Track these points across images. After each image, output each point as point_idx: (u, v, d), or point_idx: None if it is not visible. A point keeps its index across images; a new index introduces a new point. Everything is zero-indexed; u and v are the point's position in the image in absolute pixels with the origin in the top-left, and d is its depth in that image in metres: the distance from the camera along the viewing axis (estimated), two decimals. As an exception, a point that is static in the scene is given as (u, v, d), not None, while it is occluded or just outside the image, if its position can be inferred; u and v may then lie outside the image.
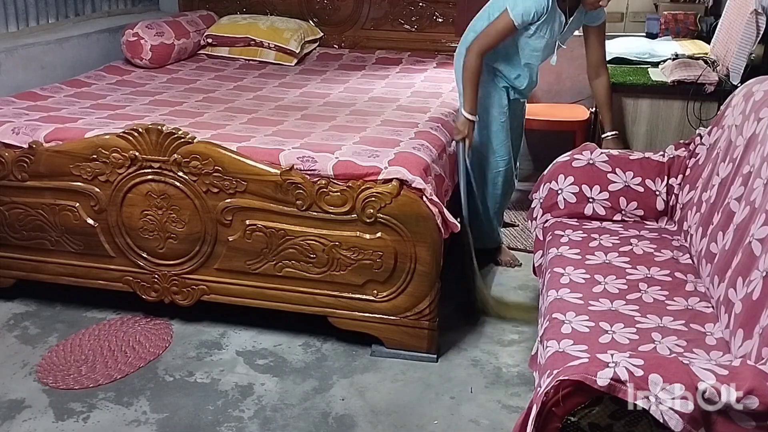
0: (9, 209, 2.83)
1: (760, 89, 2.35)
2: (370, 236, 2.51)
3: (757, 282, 1.78)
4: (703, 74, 3.09)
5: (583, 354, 1.80)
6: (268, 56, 4.31)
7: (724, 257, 2.06)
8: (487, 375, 2.56)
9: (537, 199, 2.79)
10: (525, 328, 2.83)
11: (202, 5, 4.81)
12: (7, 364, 2.60)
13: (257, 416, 2.34)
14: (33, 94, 3.39)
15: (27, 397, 2.42)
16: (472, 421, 2.32)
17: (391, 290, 2.56)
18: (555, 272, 2.31)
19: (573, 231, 2.58)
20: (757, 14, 2.92)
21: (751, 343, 1.72)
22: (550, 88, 4.51)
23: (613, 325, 1.97)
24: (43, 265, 2.89)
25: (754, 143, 2.18)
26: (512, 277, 3.25)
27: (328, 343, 2.72)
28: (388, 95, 3.59)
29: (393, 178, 2.45)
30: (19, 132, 2.80)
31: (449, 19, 4.47)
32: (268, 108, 3.31)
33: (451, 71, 4.04)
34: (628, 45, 3.74)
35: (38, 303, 2.99)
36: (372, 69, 4.20)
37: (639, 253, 2.40)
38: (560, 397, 1.46)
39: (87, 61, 4.08)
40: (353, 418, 2.34)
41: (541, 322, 2.15)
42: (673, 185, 2.67)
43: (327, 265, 2.57)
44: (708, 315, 2.05)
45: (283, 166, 2.52)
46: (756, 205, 1.98)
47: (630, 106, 3.24)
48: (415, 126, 2.99)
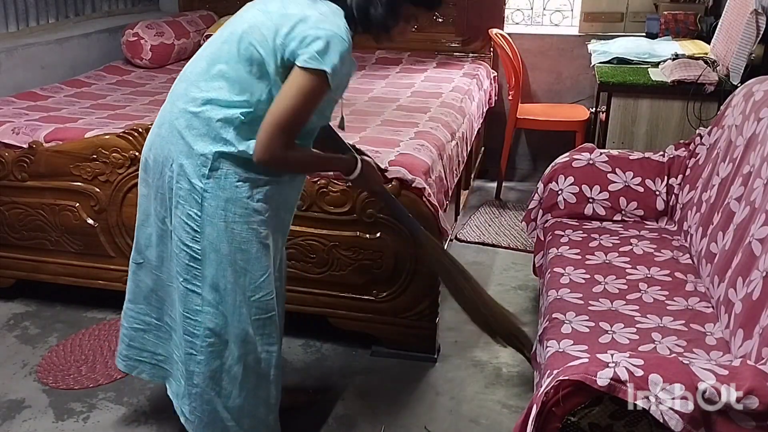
0: (9, 209, 2.83)
1: (760, 89, 2.35)
2: (370, 236, 2.51)
3: (757, 282, 1.78)
4: (703, 74, 3.09)
5: (583, 354, 1.81)
6: (268, 56, 4.30)
7: (724, 257, 2.06)
8: (487, 375, 2.56)
9: (534, 200, 2.79)
10: (525, 328, 2.80)
11: (202, 5, 4.81)
12: (7, 364, 2.60)
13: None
14: (33, 94, 3.39)
15: (27, 397, 2.42)
16: (472, 421, 2.32)
17: (391, 290, 2.56)
18: (555, 272, 2.31)
19: (573, 231, 2.58)
20: (757, 14, 2.92)
21: (751, 343, 1.72)
22: (550, 88, 4.52)
23: (613, 325, 1.98)
24: (43, 265, 2.89)
25: (754, 143, 2.18)
26: (512, 277, 3.25)
27: (328, 343, 2.72)
28: (388, 95, 3.59)
29: (393, 178, 2.44)
30: (19, 132, 2.80)
31: (449, 19, 4.47)
32: (268, 108, 3.30)
33: (451, 71, 4.06)
34: (628, 45, 3.74)
35: (38, 303, 2.99)
36: (372, 69, 4.19)
37: (639, 253, 2.40)
38: (560, 397, 1.46)
39: (87, 61, 4.08)
40: (353, 418, 2.34)
41: (541, 322, 2.15)
42: (673, 185, 2.67)
43: (327, 265, 2.57)
44: (708, 315, 2.05)
45: (283, 166, 2.50)
46: (756, 205, 1.98)
47: (630, 106, 3.24)
48: (415, 126, 2.99)
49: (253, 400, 2.00)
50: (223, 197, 1.82)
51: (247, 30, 1.78)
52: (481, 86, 3.99)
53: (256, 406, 2.01)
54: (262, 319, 1.93)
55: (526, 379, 2.50)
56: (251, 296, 1.90)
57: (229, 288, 1.88)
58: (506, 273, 3.30)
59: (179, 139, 1.83)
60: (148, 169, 1.93)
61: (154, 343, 2.09)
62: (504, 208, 4.05)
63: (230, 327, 1.91)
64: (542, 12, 4.80)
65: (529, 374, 2.49)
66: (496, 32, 4.16)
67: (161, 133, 1.88)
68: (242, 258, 1.86)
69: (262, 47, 1.76)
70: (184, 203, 1.84)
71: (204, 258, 1.86)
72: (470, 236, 3.65)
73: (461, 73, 4.03)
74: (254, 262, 1.88)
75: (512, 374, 2.55)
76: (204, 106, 1.80)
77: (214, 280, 1.87)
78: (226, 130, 1.79)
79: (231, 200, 1.82)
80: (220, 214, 1.82)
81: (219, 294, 1.88)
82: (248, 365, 1.95)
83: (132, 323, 2.09)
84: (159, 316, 2.05)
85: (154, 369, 2.12)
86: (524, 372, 2.54)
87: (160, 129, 1.90)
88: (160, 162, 1.88)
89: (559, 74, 4.48)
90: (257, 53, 1.76)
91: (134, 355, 2.12)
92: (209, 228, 1.84)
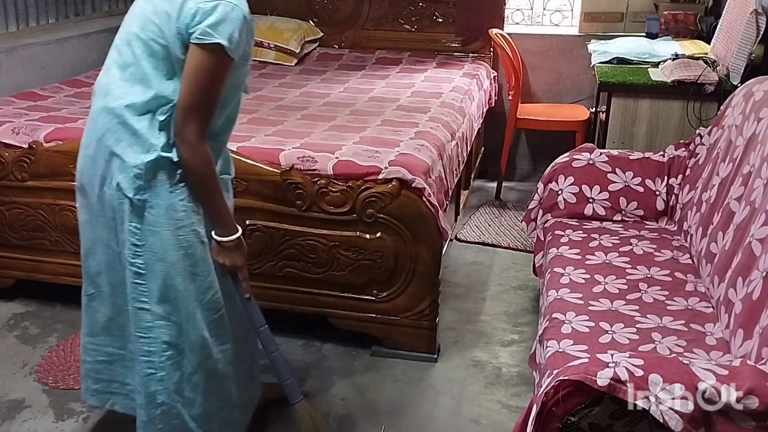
0: (9, 209, 2.83)
1: (760, 89, 2.35)
2: (370, 236, 2.51)
3: (757, 282, 1.78)
4: (703, 74, 3.09)
5: (583, 354, 1.81)
6: (268, 56, 4.31)
7: (724, 257, 2.06)
8: (487, 375, 2.55)
9: (534, 200, 2.79)
10: (525, 328, 2.83)
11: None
12: (7, 364, 2.60)
13: (257, 416, 2.33)
14: (33, 94, 3.39)
15: (27, 397, 2.42)
16: (472, 421, 2.32)
17: (391, 290, 2.56)
18: (555, 272, 2.31)
19: (573, 231, 2.58)
20: (757, 14, 2.92)
21: (751, 343, 1.72)
22: (550, 88, 4.52)
23: (613, 325, 1.98)
24: (43, 265, 2.89)
25: (754, 143, 2.18)
26: (512, 277, 3.25)
27: (328, 344, 2.72)
28: (388, 95, 3.59)
29: (393, 178, 2.44)
30: (19, 132, 2.80)
31: (449, 19, 4.47)
32: (268, 108, 3.30)
33: (451, 71, 4.06)
34: (628, 45, 3.74)
35: (38, 303, 2.99)
36: (372, 69, 4.19)
37: (639, 253, 2.40)
38: (560, 397, 1.46)
39: (87, 61, 4.07)
40: (353, 418, 2.34)
41: (541, 322, 2.15)
42: (673, 185, 2.67)
43: (327, 266, 2.57)
44: (708, 315, 2.05)
45: (283, 166, 2.52)
46: (756, 205, 1.98)
47: (630, 106, 3.24)
48: (415, 126, 2.99)
49: (218, 402, 1.98)
50: (163, 206, 1.80)
51: (142, 26, 1.76)
52: (481, 86, 3.99)
53: (220, 408, 1.99)
54: (214, 319, 1.92)
55: (526, 379, 2.50)
56: (202, 299, 1.88)
57: (180, 297, 1.85)
58: (506, 273, 3.30)
59: (110, 156, 1.80)
60: (85, 193, 1.90)
61: (122, 373, 2.03)
62: (504, 208, 4.05)
63: (186, 336, 1.88)
64: (542, 12, 4.80)
65: (529, 374, 2.49)
66: (496, 32, 4.16)
67: (90, 154, 1.85)
68: (190, 263, 1.85)
69: (161, 38, 1.73)
70: (126, 220, 1.81)
71: (148, 272, 1.83)
72: (470, 236, 3.65)
73: (461, 73, 4.03)
74: (200, 263, 1.87)
75: (512, 374, 2.56)
76: (125, 114, 1.77)
77: (162, 291, 1.84)
78: (152, 133, 1.77)
79: (171, 207, 1.80)
80: (162, 223, 1.80)
81: (170, 304, 1.85)
82: (208, 370, 1.93)
83: (95, 356, 2.04)
84: (122, 345, 2.00)
85: (125, 400, 2.05)
86: (524, 372, 2.54)
87: (87, 150, 1.86)
88: (97, 184, 1.84)
89: (559, 74, 4.48)
90: (158, 46, 1.74)
91: (104, 388, 2.06)
92: (152, 238, 1.80)
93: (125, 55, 1.80)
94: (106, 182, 1.82)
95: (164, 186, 1.79)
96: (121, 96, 1.78)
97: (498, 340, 2.77)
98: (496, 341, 2.76)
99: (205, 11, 1.67)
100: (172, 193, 1.80)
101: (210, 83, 1.71)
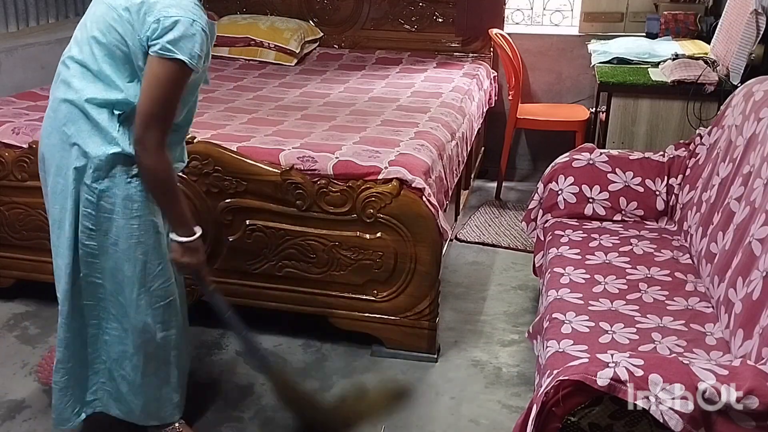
0: (9, 209, 2.82)
1: (760, 89, 2.35)
2: (370, 236, 2.51)
3: (757, 282, 1.78)
4: (703, 74, 3.09)
5: (583, 354, 1.81)
6: (268, 56, 4.31)
7: (724, 257, 2.06)
8: (487, 375, 2.55)
9: (534, 201, 2.79)
10: (525, 328, 2.82)
11: (202, 5, 4.79)
12: (7, 364, 2.60)
13: (257, 417, 2.34)
14: (33, 94, 3.39)
15: (27, 397, 2.42)
16: (472, 421, 2.32)
17: (391, 290, 2.56)
18: (555, 272, 2.31)
19: (573, 231, 2.58)
20: (757, 14, 2.92)
21: (751, 343, 1.72)
22: (550, 88, 4.52)
23: (613, 325, 1.98)
24: (43, 265, 2.87)
25: (754, 143, 2.18)
26: (512, 277, 3.25)
27: (328, 344, 2.72)
28: (388, 95, 3.59)
29: (393, 178, 2.45)
30: (19, 132, 2.80)
31: (449, 19, 4.47)
32: (268, 108, 3.30)
33: (451, 71, 4.06)
34: (628, 45, 3.74)
35: (38, 303, 2.99)
36: (372, 69, 4.19)
37: (639, 253, 2.40)
38: (560, 397, 1.46)
39: (87, 61, 4.08)
40: (353, 418, 2.34)
41: (540, 321, 2.15)
42: (673, 185, 2.68)
43: (327, 265, 2.57)
44: (708, 315, 2.05)
45: (283, 166, 2.52)
46: (756, 205, 1.98)
47: (630, 106, 3.24)
48: (415, 126, 2.99)
49: (156, 380, 2.05)
50: (120, 195, 1.85)
51: (103, 31, 1.80)
52: (481, 86, 3.99)
53: (159, 386, 2.06)
54: (161, 306, 1.98)
55: (526, 379, 2.50)
56: (150, 286, 1.94)
57: (126, 281, 1.92)
58: (506, 273, 3.30)
59: (70, 146, 1.85)
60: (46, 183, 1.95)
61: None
62: (504, 208, 4.05)
63: (128, 318, 1.96)
64: (542, 12, 4.80)
65: (529, 374, 2.50)
66: (496, 32, 4.16)
67: (52, 143, 1.89)
68: (141, 251, 1.90)
69: (124, 45, 1.77)
70: (81, 206, 1.87)
71: (101, 252, 1.90)
72: (470, 236, 3.65)
73: (461, 73, 4.03)
74: (152, 252, 1.92)
75: (512, 374, 2.55)
76: (86, 106, 1.81)
77: (111, 272, 1.93)
78: (112, 126, 1.81)
79: (128, 197, 1.86)
80: (118, 212, 1.86)
81: (117, 285, 1.93)
82: (148, 354, 2.01)
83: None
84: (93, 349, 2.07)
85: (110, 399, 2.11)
86: (524, 372, 2.54)
87: (49, 139, 1.90)
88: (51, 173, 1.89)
89: (559, 74, 4.49)
90: (120, 52, 1.79)
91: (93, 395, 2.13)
92: (107, 224, 1.87)
93: (86, 54, 1.85)
94: (61, 172, 1.87)
95: (122, 177, 1.85)
96: (82, 89, 1.83)
97: (498, 340, 2.77)
98: (496, 341, 2.76)
99: (165, 27, 1.71)
100: (129, 184, 1.86)
101: (170, 93, 1.75)
